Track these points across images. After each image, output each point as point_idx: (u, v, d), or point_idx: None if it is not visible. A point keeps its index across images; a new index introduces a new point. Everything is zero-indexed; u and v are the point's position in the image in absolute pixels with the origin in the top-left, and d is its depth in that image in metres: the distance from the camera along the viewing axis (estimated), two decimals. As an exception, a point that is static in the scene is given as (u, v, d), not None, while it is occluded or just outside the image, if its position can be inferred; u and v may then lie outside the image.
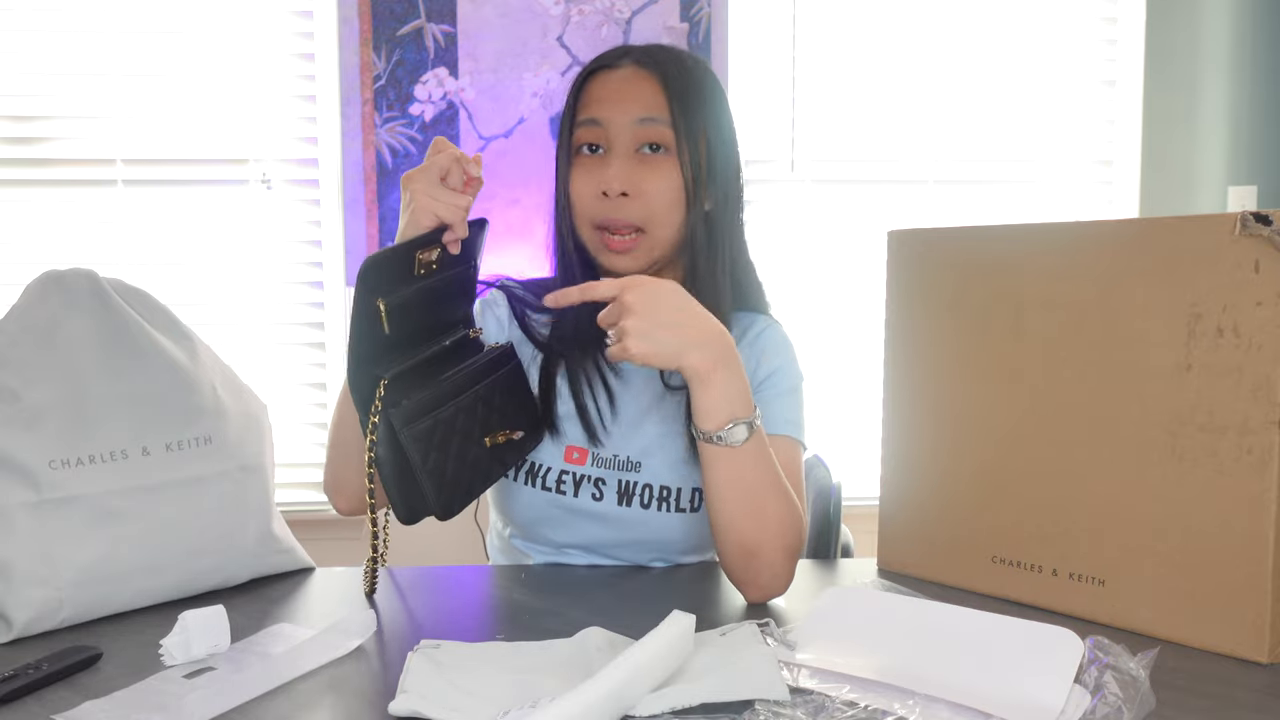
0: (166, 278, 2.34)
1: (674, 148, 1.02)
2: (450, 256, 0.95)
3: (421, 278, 0.92)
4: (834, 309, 2.47)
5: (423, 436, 0.91)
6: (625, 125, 1.03)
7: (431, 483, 0.92)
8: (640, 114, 1.02)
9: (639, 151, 1.03)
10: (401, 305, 0.90)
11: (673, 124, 1.02)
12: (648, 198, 1.03)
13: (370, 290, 0.87)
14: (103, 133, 2.31)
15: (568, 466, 1.09)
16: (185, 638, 0.80)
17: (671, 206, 1.03)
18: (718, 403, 0.91)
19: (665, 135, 1.02)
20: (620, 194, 1.02)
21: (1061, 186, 2.55)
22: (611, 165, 1.03)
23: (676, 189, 1.03)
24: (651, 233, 1.04)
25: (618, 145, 1.03)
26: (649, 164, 1.03)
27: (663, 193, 1.03)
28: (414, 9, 2.30)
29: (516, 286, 1.19)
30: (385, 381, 0.89)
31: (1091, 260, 0.90)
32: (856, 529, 1.29)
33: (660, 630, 0.73)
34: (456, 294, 1.00)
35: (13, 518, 0.87)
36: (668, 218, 1.03)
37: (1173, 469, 0.85)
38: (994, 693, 0.72)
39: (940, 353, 1.02)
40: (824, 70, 2.47)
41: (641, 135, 1.03)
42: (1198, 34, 2.50)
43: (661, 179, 1.03)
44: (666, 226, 1.04)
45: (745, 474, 0.94)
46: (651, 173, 1.03)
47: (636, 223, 1.03)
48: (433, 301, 0.95)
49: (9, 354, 0.91)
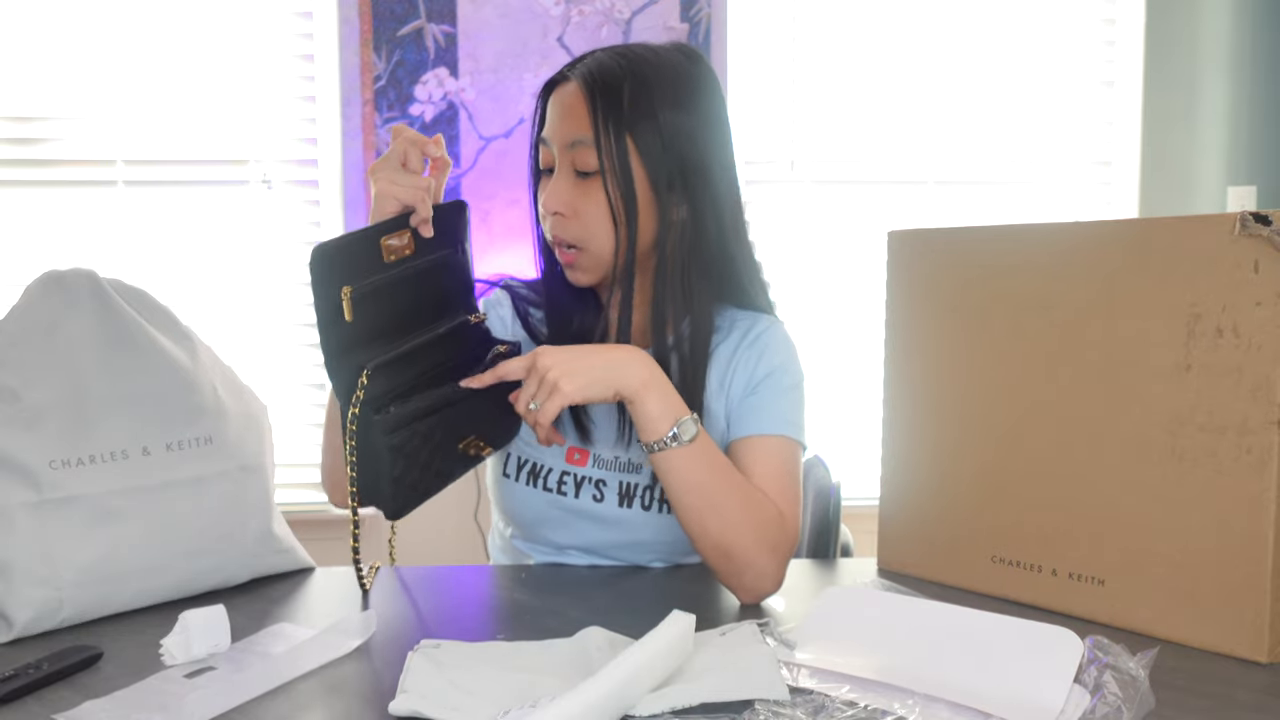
0: (166, 278, 2.34)
1: (598, 170, 1.02)
2: (428, 242, 0.95)
3: (394, 265, 0.92)
4: (834, 309, 2.47)
5: (400, 447, 0.90)
6: (560, 147, 1.04)
7: (393, 489, 0.91)
8: (570, 137, 1.02)
9: (574, 174, 1.04)
10: (373, 293, 0.90)
11: (596, 145, 1.01)
12: (581, 218, 1.03)
13: (323, 280, 0.87)
14: (103, 133, 2.31)
15: (569, 468, 1.09)
16: (185, 638, 0.80)
17: (603, 226, 1.03)
18: (660, 410, 0.95)
19: (589, 159, 1.01)
20: (557, 213, 1.04)
21: (1061, 186, 2.55)
22: (552, 186, 1.04)
23: (606, 210, 1.02)
24: (589, 250, 1.04)
25: (559, 166, 1.04)
26: (581, 187, 1.03)
27: (592, 214, 1.03)
28: (414, 9, 2.30)
29: (520, 286, 1.19)
30: (367, 372, 0.88)
31: (1091, 260, 0.90)
32: (856, 529, 1.29)
33: (660, 630, 0.73)
34: (445, 280, 0.99)
35: (13, 518, 0.87)
36: (601, 236, 1.03)
37: (1173, 469, 0.85)
38: (994, 693, 0.72)
39: (940, 353, 1.02)
40: (824, 70, 2.47)
41: (571, 159, 1.03)
42: (1197, 34, 2.50)
43: (591, 201, 1.03)
44: (601, 244, 1.04)
45: (699, 475, 0.96)
46: (583, 196, 1.03)
47: (573, 241, 1.04)
48: (417, 289, 0.95)
49: (9, 354, 0.91)
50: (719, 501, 0.96)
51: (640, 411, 0.95)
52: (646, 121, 1.01)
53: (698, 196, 1.05)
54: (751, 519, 0.96)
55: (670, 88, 1.02)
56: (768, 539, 0.96)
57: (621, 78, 1.01)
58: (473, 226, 2.35)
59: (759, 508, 0.98)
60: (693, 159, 1.03)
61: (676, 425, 0.94)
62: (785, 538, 0.99)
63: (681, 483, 0.96)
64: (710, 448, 0.97)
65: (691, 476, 0.95)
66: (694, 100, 1.04)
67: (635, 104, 1.00)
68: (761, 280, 1.14)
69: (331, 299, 0.87)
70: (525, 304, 1.17)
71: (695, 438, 0.95)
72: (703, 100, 1.04)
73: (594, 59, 1.04)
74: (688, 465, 0.95)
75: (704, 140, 1.04)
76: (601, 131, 1.00)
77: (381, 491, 0.92)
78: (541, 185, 1.08)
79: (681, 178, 1.04)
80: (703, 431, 0.96)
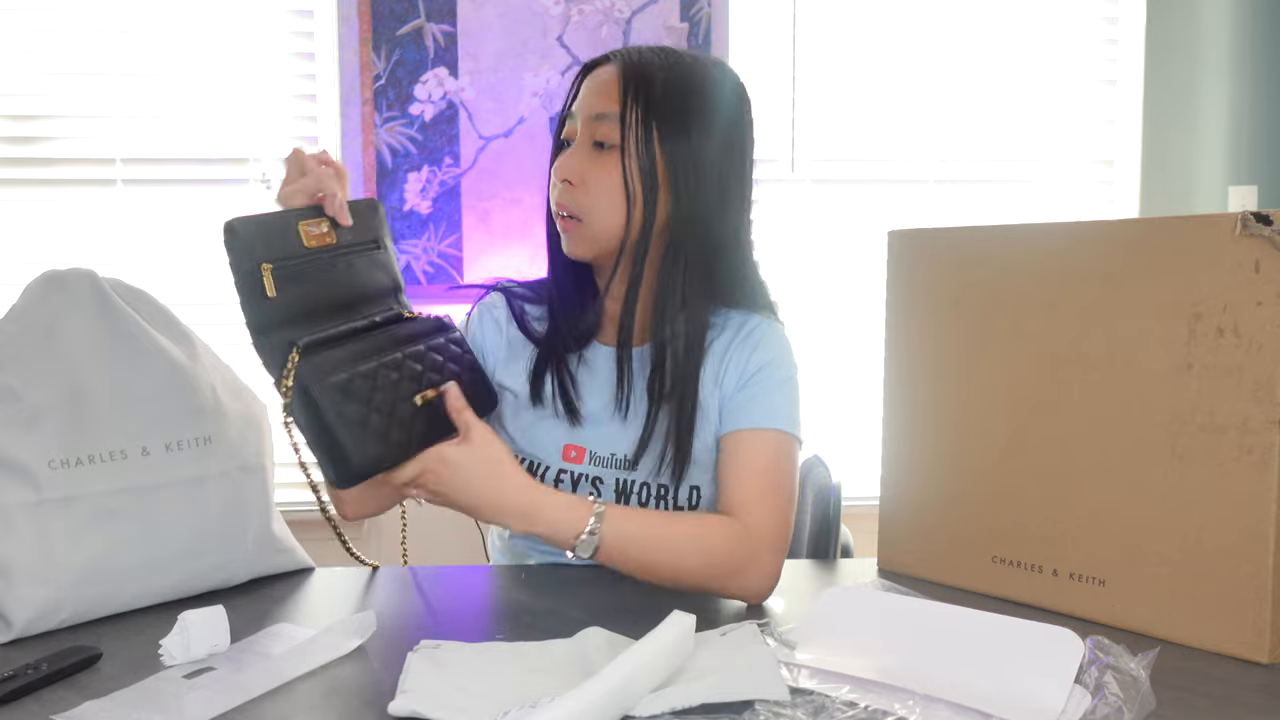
0: (166, 278, 2.33)
1: (618, 145, 1.04)
2: (347, 234, 0.97)
3: (315, 251, 0.93)
4: (834, 309, 2.47)
5: (338, 388, 0.88)
6: (585, 119, 1.06)
7: (349, 433, 0.87)
8: (597, 110, 1.05)
9: (592, 146, 1.05)
10: (296, 275, 0.90)
11: (621, 121, 1.03)
12: (587, 189, 1.05)
13: (241, 254, 0.88)
14: (103, 133, 2.31)
15: (565, 465, 1.10)
16: (185, 638, 0.80)
17: (608, 201, 1.04)
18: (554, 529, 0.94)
19: (611, 132, 1.04)
20: (566, 181, 1.06)
21: (1061, 186, 2.55)
22: (567, 155, 1.07)
23: (615, 185, 1.04)
24: (588, 222, 1.05)
25: (580, 137, 1.06)
26: (596, 159, 1.05)
27: (600, 185, 1.04)
28: (414, 9, 2.30)
29: (516, 287, 1.20)
30: (299, 348, 0.88)
31: (1091, 260, 0.90)
32: (856, 529, 1.29)
33: (660, 630, 0.73)
34: (371, 275, 1.00)
35: (13, 518, 0.87)
36: (605, 211, 1.05)
37: (1173, 469, 0.85)
38: (994, 693, 0.72)
39: (940, 353, 1.01)
40: (824, 70, 2.47)
41: (594, 130, 1.05)
42: (1198, 34, 2.50)
43: (602, 173, 1.04)
44: (603, 218, 1.05)
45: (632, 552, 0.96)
46: (595, 167, 1.05)
47: (574, 211, 1.06)
48: (341, 281, 0.96)
49: (9, 354, 0.91)
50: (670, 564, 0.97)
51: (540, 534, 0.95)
52: (674, 110, 1.04)
53: (708, 195, 1.06)
54: (704, 558, 0.97)
55: (701, 88, 1.06)
56: (733, 563, 0.97)
57: (659, 68, 1.05)
58: (473, 226, 2.35)
59: (707, 542, 0.98)
60: (710, 158, 1.05)
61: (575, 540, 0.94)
62: (759, 549, 0.98)
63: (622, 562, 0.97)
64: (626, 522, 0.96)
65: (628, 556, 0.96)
66: (722, 106, 1.07)
67: (667, 92, 1.04)
68: (759, 280, 1.14)
69: (253, 274, 0.88)
70: (522, 303, 1.17)
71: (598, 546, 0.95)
72: (731, 108, 1.08)
73: (635, 49, 1.08)
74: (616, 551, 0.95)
75: (725, 144, 1.06)
76: (629, 107, 1.03)
77: (341, 445, 0.87)
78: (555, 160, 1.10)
79: (696, 174, 1.05)
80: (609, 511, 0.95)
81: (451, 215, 2.34)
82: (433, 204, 2.33)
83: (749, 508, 1.00)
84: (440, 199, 2.33)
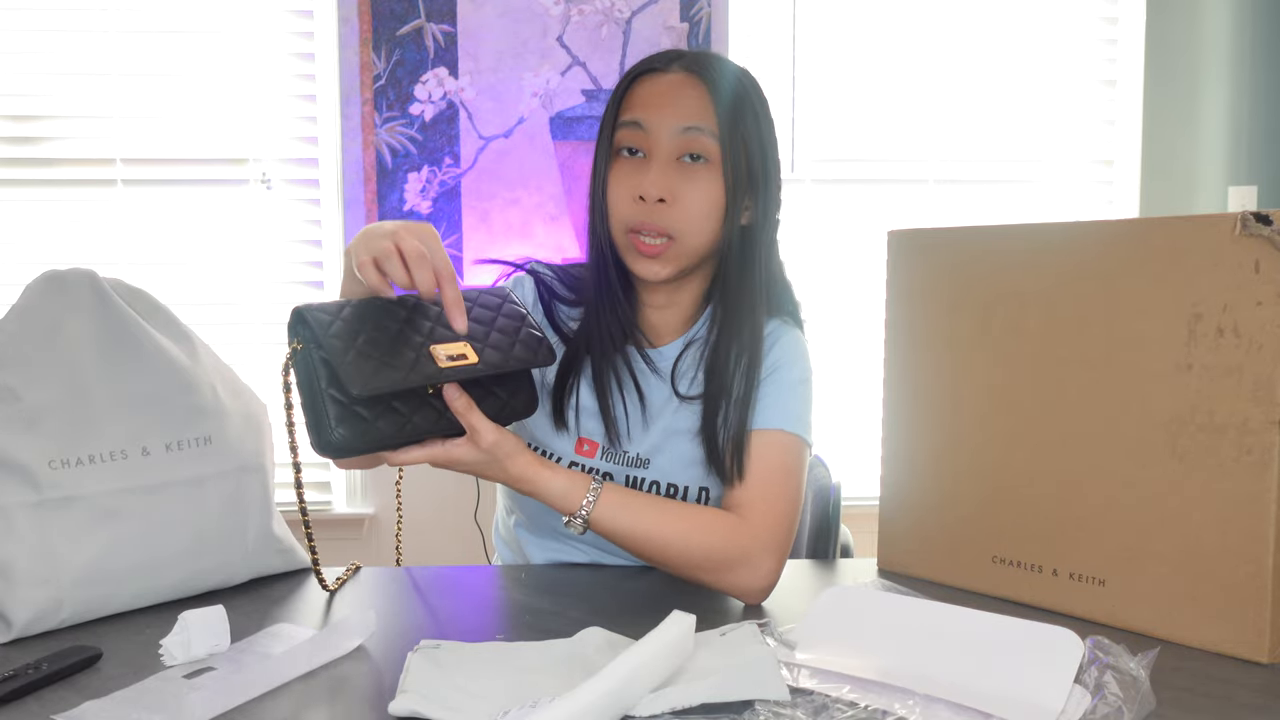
0: (166, 278, 2.34)
1: (717, 159, 1.02)
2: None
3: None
4: (834, 309, 2.47)
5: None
6: (669, 132, 1.02)
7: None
8: (685, 122, 1.01)
9: (680, 160, 1.02)
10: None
11: (718, 135, 1.01)
12: (684, 206, 1.01)
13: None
14: (103, 133, 2.31)
15: (577, 458, 1.10)
16: (185, 638, 0.80)
17: (707, 217, 1.02)
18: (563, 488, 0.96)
19: (709, 146, 1.01)
20: (658, 200, 1.01)
21: (1061, 186, 2.55)
22: (651, 171, 1.02)
23: (715, 200, 1.02)
24: (681, 241, 1.02)
25: (659, 151, 1.02)
26: (688, 173, 1.02)
27: (699, 203, 1.02)
28: (414, 9, 2.30)
29: (546, 271, 1.17)
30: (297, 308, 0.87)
31: (1091, 260, 0.90)
32: (856, 529, 1.29)
33: (660, 630, 0.73)
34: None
35: (13, 518, 0.87)
36: (701, 227, 1.03)
37: (1173, 469, 0.85)
38: (994, 693, 0.72)
39: (940, 353, 1.01)
40: (824, 70, 2.47)
41: (684, 144, 1.01)
42: (1198, 34, 2.50)
43: (700, 189, 1.02)
44: (698, 236, 1.03)
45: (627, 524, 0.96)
46: (689, 182, 1.02)
47: (669, 230, 1.02)
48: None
49: (9, 354, 0.91)
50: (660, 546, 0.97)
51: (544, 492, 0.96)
52: (758, 119, 1.05)
53: (767, 203, 1.07)
54: (695, 550, 0.97)
55: (761, 95, 1.08)
56: (724, 558, 0.97)
57: (734, 76, 1.05)
58: (473, 226, 2.35)
59: (698, 534, 0.97)
60: (771, 166, 1.07)
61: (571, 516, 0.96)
62: (754, 547, 0.98)
63: (621, 540, 0.97)
64: (625, 500, 0.97)
65: (621, 529, 0.96)
66: (769, 112, 1.09)
67: (751, 102, 1.05)
68: (789, 288, 1.14)
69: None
70: (550, 293, 1.15)
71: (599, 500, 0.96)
72: (769, 114, 1.09)
73: (691, 57, 1.06)
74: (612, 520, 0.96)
75: (774, 151, 1.08)
76: (723, 118, 1.02)
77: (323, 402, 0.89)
78: (615, 168, 1.05)
79: (765, 181, 1.06)
80: (604, 497, 0.96)
81: (451, 215, 2.34)
82: (433, 204, 2.33)
83: (749, 506, 1.00)
84: (440, 199, 2.33)
